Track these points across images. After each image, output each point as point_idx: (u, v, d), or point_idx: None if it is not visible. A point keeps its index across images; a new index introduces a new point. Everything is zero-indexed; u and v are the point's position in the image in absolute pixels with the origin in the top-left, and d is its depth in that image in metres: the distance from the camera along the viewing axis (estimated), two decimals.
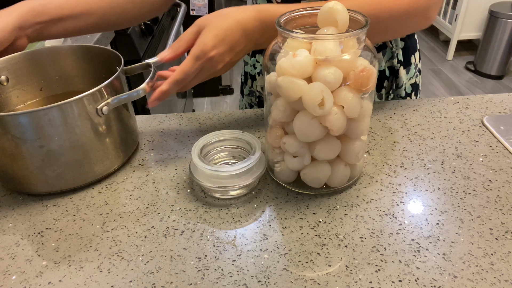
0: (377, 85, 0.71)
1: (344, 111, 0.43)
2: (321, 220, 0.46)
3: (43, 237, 0.46)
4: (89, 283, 0.40)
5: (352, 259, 0.41)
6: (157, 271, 0.41)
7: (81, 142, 0.49)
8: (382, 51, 0.69)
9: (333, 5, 0.42)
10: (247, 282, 0.39)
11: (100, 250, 0.44)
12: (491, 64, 2.68)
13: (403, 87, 0.73)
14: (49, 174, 0.49)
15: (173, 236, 0.45)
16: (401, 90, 0.73)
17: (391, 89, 0.73)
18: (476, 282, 0.38)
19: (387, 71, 0.71)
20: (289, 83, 0.41)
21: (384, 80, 0.72)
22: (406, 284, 0.39)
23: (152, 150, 0.59)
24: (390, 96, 0.74)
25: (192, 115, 0.68)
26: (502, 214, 0.46)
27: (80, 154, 0.50)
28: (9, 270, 0.42)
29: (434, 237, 0.43)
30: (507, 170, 0.52)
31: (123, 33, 1.23)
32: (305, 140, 0.45)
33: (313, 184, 0.48)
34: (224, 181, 0.48)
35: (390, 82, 0.73)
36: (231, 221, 0.46)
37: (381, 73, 0.71)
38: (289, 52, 0.42)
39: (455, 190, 0.49)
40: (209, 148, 0.53)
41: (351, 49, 0.42)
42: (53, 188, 0.51)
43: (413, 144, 0.58)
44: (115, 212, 0.48)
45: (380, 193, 0.49)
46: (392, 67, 0.71)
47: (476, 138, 0.59)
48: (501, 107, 0.66)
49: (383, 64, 0.70)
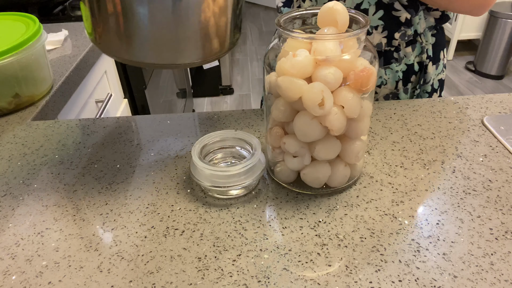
0: (404, 80, 0.72)
1: (344, 111, 0.43)
2: (321, 220, 0.46)
3: (43, 237, 0.46)
4: (89, 283, 0.40)
5: (352, 259, 0.41)
6: (157, 271, 0.41)
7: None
8: (412, 46, 0.70)
9: (333, 5, 0.42)
10: (247, 282, 0.39)
11: (100, 250, 0.44)
12: (491, 64, 2.68)
13: (430, 82, 0.73)
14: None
15: (173, 236, 0.45)
16: (428, 86, 0.74)
17: (418, 84, 0.73)
18: (476, 282, 0.38)
19: (416, 66, 0.71)
20: (289, 83, 0.42)
21: (412, 75, 0.72)
22: (406, 284, 0.39)
23: (152, 150, 0.59)
24: (417, 91, 0.74)
25: (192, 115, 0.68)
26: (502, 214, 0.46)
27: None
28: (9, 270, 0.42)
29: (434, 237, 0.43)
30: (507, 170, 0.52)
31: None
32: (305, 140, 0.45)
33: (313, 184, 0.48)
34: (224, 181, 0.48)
35: (418, 78, 0.73)
36: (231, 221, 0.46)
37: (409, 67, 0.71)
38: (289, 52, 0.42)
39: (455, 190, 0.49)
40: (209, 148, 0.53)
41: (351, 49, 0.42)
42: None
43: (413, 144, 0.58)
44: (115, 212, 0.48)
45: (380, 193, 0.49)
46: (421, 62, 0.72)
47: (476, 138, 0.59)
48: (501, 107, 0.66)
49: (412, 59, 0.70)
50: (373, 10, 0.65)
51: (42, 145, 0.62)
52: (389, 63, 0.70)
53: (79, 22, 1.18)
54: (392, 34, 0.67)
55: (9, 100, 0.72)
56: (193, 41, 0.45)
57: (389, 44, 0.68)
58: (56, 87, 0.82)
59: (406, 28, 0.67)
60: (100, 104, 1.09)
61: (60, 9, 1.34)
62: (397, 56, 0.70)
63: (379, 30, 0.66)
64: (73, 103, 0.94)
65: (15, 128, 0.68)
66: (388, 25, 0.66)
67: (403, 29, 0.67)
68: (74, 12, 1.29)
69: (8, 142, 0.63)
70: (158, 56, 0.45)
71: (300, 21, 0.48)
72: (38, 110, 0.74)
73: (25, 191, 0.53)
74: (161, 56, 0.45)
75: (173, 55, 0.45)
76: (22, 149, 0.61)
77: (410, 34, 0.68)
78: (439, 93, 0.77)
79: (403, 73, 0.71)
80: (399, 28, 0.67)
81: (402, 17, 0.65)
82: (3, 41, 0.72)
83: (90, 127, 0.66)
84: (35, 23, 0.77)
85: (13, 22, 0.80)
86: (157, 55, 0.45)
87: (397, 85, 0.72)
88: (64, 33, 1.05)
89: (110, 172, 0.55)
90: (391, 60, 0.70)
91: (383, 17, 0.66)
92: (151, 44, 0.44)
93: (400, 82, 0.71)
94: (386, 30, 0.66)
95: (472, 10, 0.62)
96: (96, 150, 0.60)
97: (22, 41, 0.71)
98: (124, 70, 1.30)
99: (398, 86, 0.72)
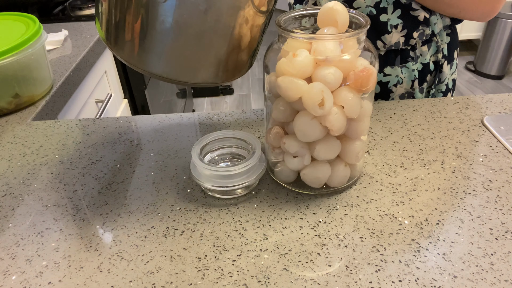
0: (420, 79, 0.72)
1: (344, 111, 0.43)
2: (321, 220, 0.46)
3: (43, 237, 0.46)
4: (89, 283, 0.40)
5: (352, 259, 0.41)
6: (157, 271, 0.41)
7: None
8: (428, 45, 0.70)
9: (333, 5, 0.42)
10: (247, 282, 0.39)
11: (100, 250, 0.44)
12: (491, 64, 2.68)
13: (445, 82, 0.74)
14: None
15: (173, 236, 0.45)
16: (442, 85, 0.74)
17: (433, 84, 0.74)
18: (476, 282, 0.38)
19: (432, 65, 0.72)
20: (289, 83, 0.42)
21: (427, 74, 0.72)
22: (406, 284, 0.39)
23: (152, 150, 0.59)
24: (432, 91, 0.74)
25: (192, 115, 0.68)
26: (502, 214, 0.46)
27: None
28: (9, 270, 0.42)
29: (434, 237, 0.43)
30: (507, 170, 0.52)
31: None
32: (305, 140, 0.45)
33: (313, 184, 0.48)
34: (224, 181, 0.48)
35: (433, 77, 0.73)
36: (231, 221, 0.46)
37: (425, 66, 0.71)
38: (289, 52, 0.42)
39: (455, 190, 0.49)
40: (209, 148, 0.53)
41: (351, 49, 0.42)
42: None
43: (413, 144, 0.58)
44: (115, 212, 0.48)
45: (380, 193, 0.49)
46: (436, 62, 0.72)
47: (476, 138, 0.59)
48: (501, 107, 0.66)
49: (428, 58, 0.71)
50: (391, 9, 0.66)
51: (42, 145, 0.62)
52: (405, 62, 0.70)
53: (79, 22, 1.18)
54: (411, 33, 0.67)
55: (9, 100, 0.72)
56: (216, 64, 0.43)
57: (406, 43, 0.68)
58: (56, 87, 0.82)
59: (424, 27, 0.67)
60: (100, 104, 1.09)
61: (60, 9, 1.34)
62: (413, 55, 0.70)
63: (399, 29, 0.66)
64: (73, 103, 0.94)
65: (15, 128, 0.68)
66: (407, 24, 0.66)
67: (421, 28, 0.67)
68: (74, 12, 1.29)
69: (8, 142, 0.63)
70: (172, 71, 0.43)
71: (299, 21, 0.48)
72: (38, 110, 0.74)
73: (25, 191, 0.53)
74: (176, 72, 0.43)
75: (189, 74, 0.43)
76: (22, 149, 0.61)
77: (428, 34, 0.68)
78: (452, 92, 0.78)
79: (419, 72, 0.71)
80: (417, 28, 0.67)
81: (421, 16, 0.66)
82: (3, 41, 0.72)
83: (90, 127, 0.66)
84: (35, 23, 0.77)
85: (13, 22, 0.80)
86: (173, 70, 0.43)
87: (413, 84, 0.72)
88: (64, 33, 1.05)
89: (110, 172, 0.55)
90: (408, 59, 0.70)
91: (401, 16, 0.66)
92: (171, 58, 0.42)
93: (416, 81, 0.71)
94: (405, 29, 0.67)
95: (480, 17, 0.65)
96: (96, 150, 0.60)
97: (22, 41, 0.71)
98: (124, 70, 1.30)
99: (414, 85, 0.72)
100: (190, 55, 0.43)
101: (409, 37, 0.67)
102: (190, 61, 0.43)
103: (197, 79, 0.45)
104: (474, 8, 0.63)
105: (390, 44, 0.68)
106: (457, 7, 0.63)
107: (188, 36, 0.41)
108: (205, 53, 0.42)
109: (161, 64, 0.43)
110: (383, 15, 0.65)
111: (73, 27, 1.14)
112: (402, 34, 0.67)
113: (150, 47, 0.42)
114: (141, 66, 0.43)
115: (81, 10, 1.29)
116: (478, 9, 0.63)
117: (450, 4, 0.63)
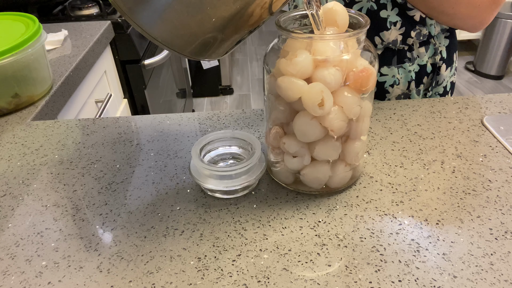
0: (417, 81, 0.72)
1: (344, 111, 0.43)
2: (321, 220, 0.46)
3: (43, 237, 0.46)
4: (89, 283, 0.40)
5: (352, 259, 0.41)
6: (157, 271, 0.41)
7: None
8: (425, 47, 0.70)
9: (333, 6, 0.42)
10: (247, 282, 0.39)
11: (100, 250, 0.44)
12: (491, 64, 2.68)
13: (442, 84, 0.74)
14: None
15: (173, 236, 0.45)
16: (440, 88, 0.74)
17: (430, 86, 0.74)
18: (476, 282, 0.39)
19: (429, 67, 0.72)
20: (289, 83, 0.41)
21: (424, 76, 0.72)
22: (406, 284, 0.39)
23: (152, 150, 0.59)
24: (429, 93, 0.74)
25: (192, 115, 0.68)
26: (502, 214, 0.46)
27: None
28: (8, 270, 0.42)
29: (434, 237, 0.43)
30: (507, 170, 0.52)
31: (123, 33, 1.23)
32: (304, 140, 0.45)
33: (313, 184, 0.48)
34: (224, 181, 0.48)
35: (430, 79, 0.73)
36: (230, 221, 0.46)
37: (422, 68, 0.72)
38: (289, 52, 0.42)
39: (455, 190, 0.49)
40: (209, 148, 0.53)
41: (351, 49, 0.42)
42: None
43: (412, 144, 0.58)
44: (115, 212, 0.48)
45: (380, 193, 0.49)
46: (434, 64, 0.72)
47: (476, 138, 0.59)
48: (501, 107, 0.66)
49: (425, 59, 0.71)
50: (390, 7, 0.66)
51: (41, 145, 0.62)
52: (402, 62, 0.70)
53: (79, 22, 1.18)
54: (409, 32, 0.67)
55: (9, 100, 0.72)
56: (202, 36, 0.43)
57: (404, 42, 0.69)
58: (55, 87, 0.82)
59: (421, 27, 0.67)
60: (99, 104, 1.09)
61: (60, 9, 1.34)
62: (410, 56, 0.70)
63: (397, 26, 0.67)
64: (72, 103, 0.94)
65: (15, 128, 0.68)
66: (405, 23, 0.67)
67: (418, 28, 0.67)
68: (74, 12, 1.29)
69: (7, 142, 0.63)
70: (166, 33, 0.42)
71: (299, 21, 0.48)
72: (38, 110, 0.74)
73: (25, 191, 0.53)
74: (170, 35, 0.42)
75: (183, 41, 0.42)
76: (22, 149, 0.61)
77: (425, 34, 0.68)
78: (450, 95, 0.77)
79: (416, 74, 0.71)
80: (414, 27, 0.67)
81: (416, 16, 0.66)
82: (2, 41, 0.72)
83: (89, 127, 0.66)
84: (35, 23, 0.77)
85: (12, 22, 0.80)
86: (167, 32, 0.42)
87: (409, 86, 0.72)
88: (63, 33, 1.05)
89: (110, 172, 0.55)
90: (404, 60, 0.70)
91: (399, 14, 0.66)
92: (166, 20, 0.41)
93: (413, 82, 0.71)
94: (403, 27, 0.67)
95: (471, 28, 0.66)
96: (95, 150, 0.60)
97: (22, 41, 0.71)
98: (124, 70, 1.30)
99: (410, 86, 0.72)
100: (185, 22, 0.43)
101: (407, 35, 0.68)
102: (185, 29, 0.43)
103: (180, 49, 0.45)
104: (464, 18, 0.64)
105: (388, 42, 0.68)
106: (447, 15, 0.64)
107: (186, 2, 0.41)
108: (198, 25, 0.42)
109: (156, 23, 0.42)
110: (383, 11, 0.66)
111: (73, 27, 1.14)
112: (400, 32, 0.67)
113: (148, 4, 0.41)
114: (137, 21, 0.42)
115: (80, 10, 1.29)
116: (467, 21, 0.64)
117: (441, 11, 0.64)
